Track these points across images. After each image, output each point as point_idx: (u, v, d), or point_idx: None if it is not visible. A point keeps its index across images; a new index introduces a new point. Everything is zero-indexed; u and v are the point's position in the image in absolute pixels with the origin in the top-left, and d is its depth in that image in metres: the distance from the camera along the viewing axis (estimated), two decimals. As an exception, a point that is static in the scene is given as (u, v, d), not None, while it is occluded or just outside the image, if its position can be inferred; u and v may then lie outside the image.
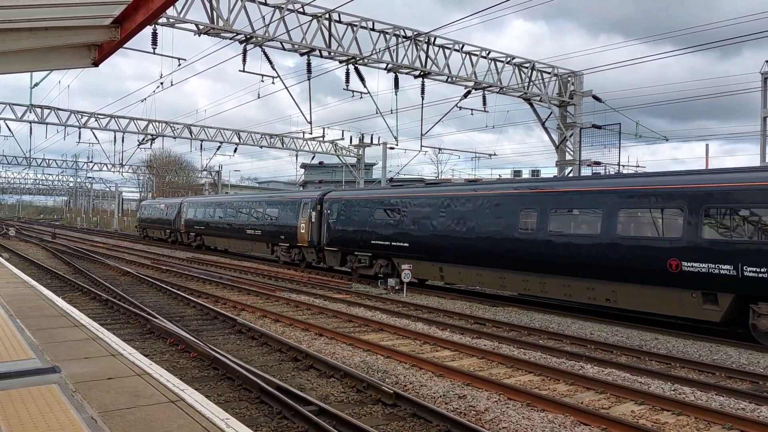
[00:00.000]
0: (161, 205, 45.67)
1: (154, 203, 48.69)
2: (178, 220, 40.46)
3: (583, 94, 27.68)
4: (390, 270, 21.51)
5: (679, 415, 7.60)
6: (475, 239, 17.83)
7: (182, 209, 40.10)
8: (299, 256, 27.16)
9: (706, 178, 13.66)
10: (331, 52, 20.05)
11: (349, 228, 23.12)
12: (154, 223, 46.33)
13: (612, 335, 13.38)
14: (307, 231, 25.77)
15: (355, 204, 23.17)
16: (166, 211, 43.16)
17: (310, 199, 26.03)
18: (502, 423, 7.16)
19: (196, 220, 38.00)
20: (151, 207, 48.59)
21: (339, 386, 8.65)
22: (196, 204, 39.16)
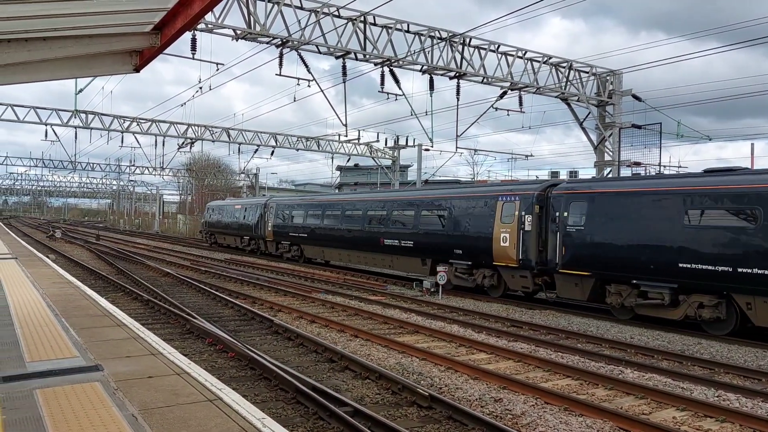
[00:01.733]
0: (236, 206, 38.03)
1: (226, 204, 40.98)
2: (262, 225, 33.41)
3: (622, 94, 27.13)
4: None
5: (723, 422, 7.37)
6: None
7: (268, 211, 32.91)
8: (492, 280, 18.98)
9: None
10: (366, 55, 20.12)
11: (616, 239, 15.17)
12: (226, 229, 39.16)
13: (653, 339, 13.06)
14: (514, 243, 17.78)
15: (623, 199, 15.16)
16: (244, 213, 35.99)
17: (521, 195, 17.97)
18: (539, 427, 7.06)
19: (292, 226, 30.52)
20: (221, 209, 40.84)
21: (374, 388, 8.66)
22: (291, 205, 31.57)
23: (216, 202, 44.42)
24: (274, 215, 32.40)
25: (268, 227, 32.78)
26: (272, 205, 32.95)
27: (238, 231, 36.89)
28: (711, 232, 13.27)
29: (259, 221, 33.72)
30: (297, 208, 30.80)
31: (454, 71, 22.06)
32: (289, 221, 30.94)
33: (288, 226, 30.95)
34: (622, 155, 27.53)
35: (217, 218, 41.07)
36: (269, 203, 33.49)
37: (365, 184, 69.18)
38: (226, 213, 39.54)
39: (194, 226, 69.74)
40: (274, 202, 33.22)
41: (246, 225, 35.34)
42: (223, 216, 39.91)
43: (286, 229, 31.03)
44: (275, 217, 32.17)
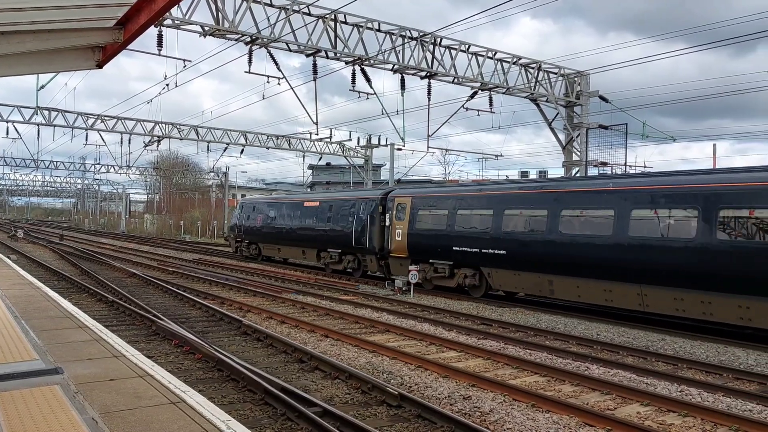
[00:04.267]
0: (308, 203, 27.31)
1: (284, 201, 29.92)
2: (375, 232, 22.41)
3: (589, 95, 27.56)
4: None
5: (686, 417, 7.52)
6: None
7: (396, 212, 21.51)
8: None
9: None
10: (336, 53, 20.04)
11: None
12: (286, 237, 28.48)
13: (618, 336, 13.29)
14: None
15: None
16: (329, 214, 25.34)
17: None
18: (507, 424, 7.11)
19: (468, 236, 18.63)
20: (271, 208, 30.26)
21: (344, 387, 8.63)
22: (459, 201, 19.26)
23: (260, 198, 34.31)
24: (411, 217, 20.81)
25: (395, 236, 21.19)
26: (402, 203, 21.34)
27: (313, 240, 26.16)
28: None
29: (366, 227, 22.72)
30: (472, 204, 18.86)
31: (425, 71, 22.12)
32: (459, 227, 18.91)
33: (458, 237, 18.83)
34: (589, 155, 27.99)
35: (263, 221, 30.51)
36: (397, 198, 21.72)
37: (337, 183, 68.97)
38: (284, 213, 28.84)
39: (162, 226, 68.74)
40: (409, 197, 21.28)
41: (335, 232, 24.61)
42: (277, 218, 29.34)
43: (449, 241, 19.07)
44: (417, 221, 20.59)
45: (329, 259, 25.51)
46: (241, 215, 33.40)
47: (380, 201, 22.73)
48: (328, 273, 25.42)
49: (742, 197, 12.64)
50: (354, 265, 24.34)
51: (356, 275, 24.22)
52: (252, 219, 32.10)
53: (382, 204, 22.64)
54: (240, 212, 33.66)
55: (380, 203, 22.69)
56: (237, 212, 34.44)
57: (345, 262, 24.76)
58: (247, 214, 32.74)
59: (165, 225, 68.37)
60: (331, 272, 25.44)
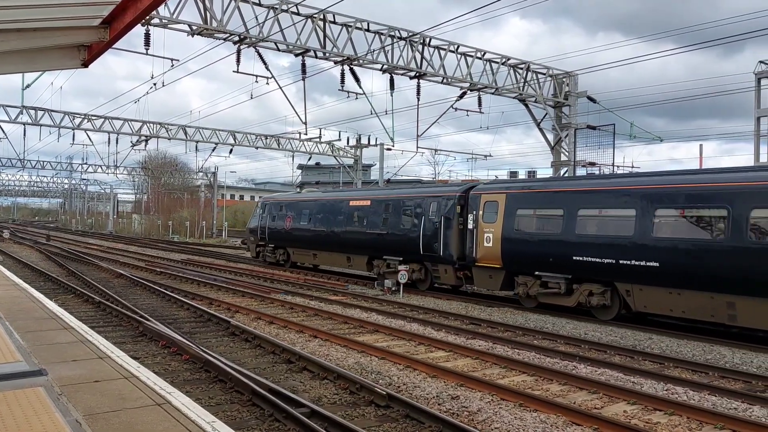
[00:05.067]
0: (354, 201, 23.44)
1: (319, 199, 26.15)
2: (450, 238, 18.91)
3: (578, 95, 27.70)
4: None
5: (672, 415, 7.58)
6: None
7: (484, 211, 17.75)
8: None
9: None
10: (325, 53, 20.01)
11: None
12: (324, 242, 24.62)
13: (606, 335, 13.36)
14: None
15: None
16: (385, 215, 21.61)
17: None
18: (495, 423, 7.13)
19: (585, 240, 15.16)
20: (303, 208, 26.21)
21: (332, 388, 8.61)
22: (581, 199, 15.63)
23: (289, 196, 29.94)
24: (505, 219, 17.01)
25: (483, 242, 17.49)
26: (493, 201, 17.52)
27: (363, 246, 22.45)
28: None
29: (439, 230, 19.07)
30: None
31: (414, 71, 22.14)
32: (582, 231, 15.27)
33: (580, 244, 15.18)
34: (577, 155, 28.14)
35: (294, 222, 26.54)
36: (484, 195, 17.91)
37: (327, 183, 68.86)
38: (322, 214, 24.88)
39: (150, 226, 68.30)
40: (503, 194, 17.42)
41: (395, 236, 20.91)
42: (313, 219, 25.25)
43: (566, 248, 15.47)
44: (515, 223, 16.84)
45: (386, 268, 21.40)
46: (263, 216, 28.79)
47: (458, 199, 19.09)
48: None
49: None
50: (420, 275, 20.45)
51: (421, 287, 20.51)
52: (279, 220, 27.65)
53: (461, 203, 19.04)
54: (262, 212, 29.04)
55: (458, 202, 19.05)
56: (258, 212, 29.65)
57: (408, 272, 20.69)
58: (272, 215, 28.23)
59: (153, 225, 67.93)
60: (378, 275, 21.89)
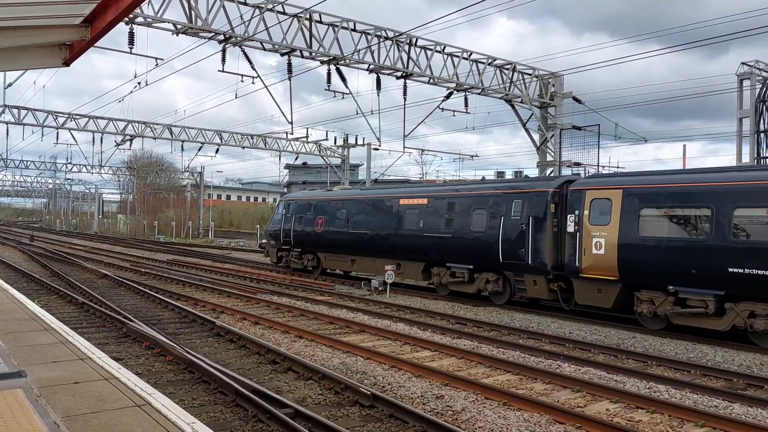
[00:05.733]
0: (412, 199, 20.13)
1: (359, 196, 22.93)
2: (541, 240, 15.96)
3: (563, 96, 27.85)
4: None
5: (653, 413, 7.64)
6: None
7: (593, 210, 14.77)
8: None
9: None
10: (312, 53, 19.96)
11: None
12: (362, 244, 21.63)
13: (590, 334, 13.45)
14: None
15: None
16: (451, 215, 18.45)
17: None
18: (479, 422, 7.15)
19: (748, 247, 12.06)
20: (338, 206, 23.18)
21: (317, 388, 8.60)
22: (740, 195, 12.33)
23: (319, 194, 25.98)
24: (623, 220, 14.12)
25: (590, 248, 14.50)
26: (604, 198, 14.63)
27: (418, 251, 19.43)
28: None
29: (526, 233, 16.04)
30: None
31: (400, 71, 22.14)
32: (742, 236, 12.31)
33: (736, 252, 12.22)
34: (563, 155, 28.28)
35: (326, 224, 23.23)
36: (591, 191, 14.93)
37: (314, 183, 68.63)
38: (364, 214, 21.78)
39: (135, 227, 67.81)
40: (618, 189, 14.44)
41: (463, 240, 17.89)
42: (352, 219, 22.12)
43: (717, 258, 12.43)
44: (638, 225, 13.91)
45: (450, 278, 18.30)
46: (287, 217, 25.35)
47: (552, 196, 15.88)
48: (443, 296, 18.75)
49: None
50: (497, 287, 17.12)
51: (498, 301, 17.30)
52: (307, 221, 24.14)
53: (556, 200, 15.88)
54: (285, 212, 25.57)
55: (552, 199, 15.87)
56: (280, 212, 26.16)
57: (480, 282, 17.48)
58: (298, 215, 24.80)
59: (139, 225, 67.46)
60: (447, 294, 18.77)
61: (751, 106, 26.81)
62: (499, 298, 17.41)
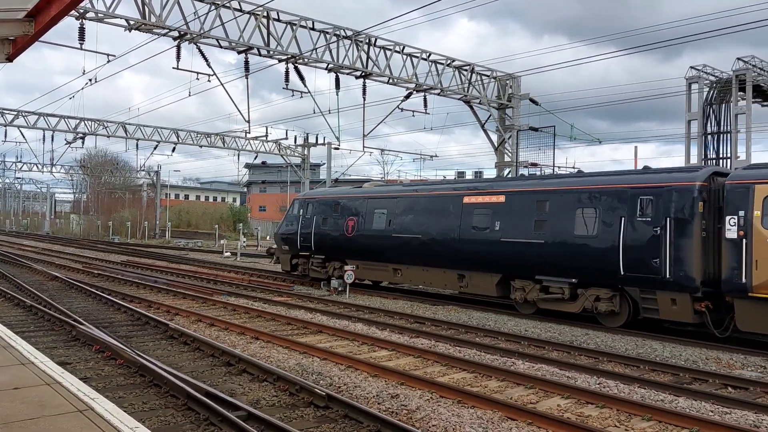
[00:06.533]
0: (475, 197, 16.89)
1: (401, 193, 19.59)
2: (684, 247, 12.71)
3: (520, 97, 28.30)
4: None
5: (602, 408, 7.83)
6: None
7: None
8: None
9: None
10: (269, 51, 19.77)
11: None
12: (409, 251, 18.26)
13: (545, 331, 13.68)
14: None
15: None
16: (535, 216, 15.29)
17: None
18: (432, 421, 7.20)
19: None
20: (374, 205, 19.88)
21: (271, 390, 8.51)
22: None
23: (345, 191, 22.95)
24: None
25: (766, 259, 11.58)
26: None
27: (489, 261, 16.14)
28: None
29: (663, 239, 12.91)
30: None
31: (360, 71, 22.13)
32: None
33: None
34: (520, 156, 28.75)
35: (359, 227, 20.05)
36: (759, 183, 11.99)
37: (274, 182, 68.02)
38: (406, 215, 18.66)
39: (89, 227, 66.01)
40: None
41: (563, 247, 14.59)
42: (392, 222, 18.92)
43: None
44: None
45: (540, 294, 14.95)
46: (306, 218, 21.85)
47: (700, 191, 12.65)
48: (525, 314, 15.50)
49: None
50: (611, 305, 13.73)
51: (609, 323, 13.96)
52: (333, 223, 20.84)
53: (704, 197, 12.70)
54: (303, 213, 22.08)
55: (700, 195, 12.64)
56: (296, 213, 22.51)
57: (586, 299, 14.12)
58: (320, 216, 21.36)
59: (92, 226, 65.70)
60: (533, 313, 15.45)
61: (699, 109, 27.77)
62: (612, 319, 13.96)
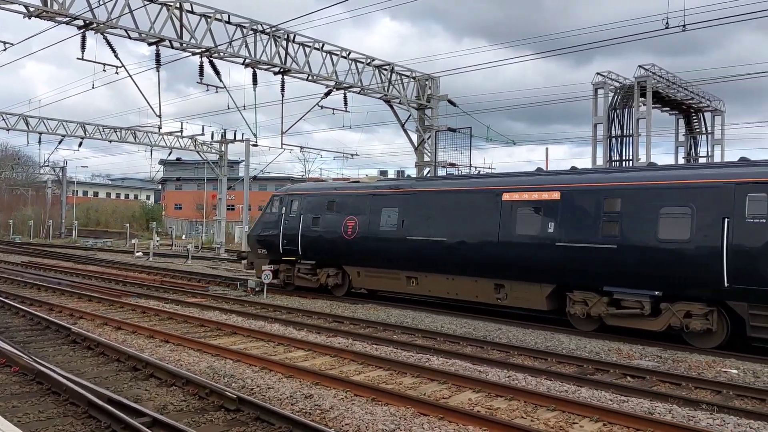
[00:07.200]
0: (514, 192, 14.56)
1: (413, 188, 16.97)
2: None
3: (439, 98, 28.77)
4: None
5: (511, 400, 8.08)
6: None
7: None
8: None
9: None
10: (183, 44, 19.08)
11: None
12: (432, 258, 15.80)
13: (461, 327, 13.99)
14: None
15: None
16: (603, 216, 13.05)
17: None
18: (346, 419, 7.18)
19: None
20: (380, 202, 17.34)
21: (180, 394, 8.22)
22: None
23: (340, 185, 20.71)
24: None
25: None
26: None
27: (532, 268, 14.02)
28: None
29: None
30: None
31: (278, 67, 21.76)
32: None
33: None
34: (439, 156, 29.27)
35: (357, 227, 17.50)
36: None
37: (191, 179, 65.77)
38: (425, 213, 16.21)
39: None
40: None
41: (639, 252, 12.45)
42: (406, 221, 16.45)
43: None
44: None
45: (609, 308, 12.75)
46: (290, 216, 19.18)
47: None
48: (585, 332, 13.19)
49: None
50: (707, 323, 11.67)
51: (704, 343, 11.78)
52: (327, 223, 18.30)
53: None
54: (287, 211, 19.40)
55: None
56: (277, 211, 19.81)
57: (672, 315, 12.00)
58: (308, 215, 18.78)
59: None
60: (595, 330, 13.17)
61: (605, 113, 29.31)
62: (706, 340, 11.83)
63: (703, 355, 11.35)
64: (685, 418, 7.50)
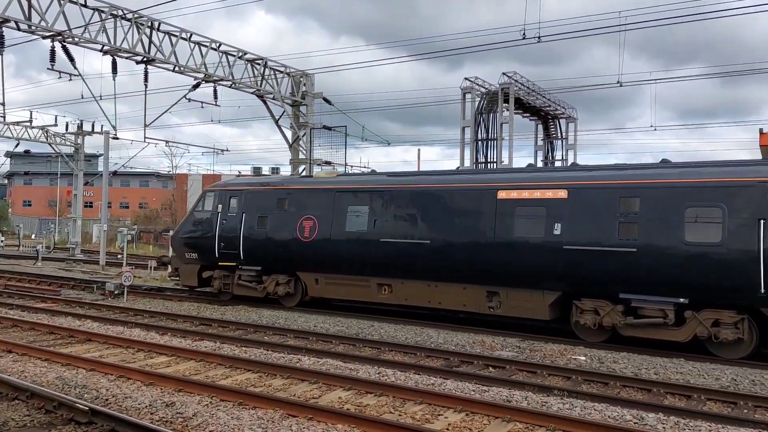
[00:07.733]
0: (513, 190, 13.36)
1: (390, 182, 15.54)
2: None
3: (314, 95, 28.62)
4: None
5: (380, 396, 8.18)
6: None
7: None
8: None
9: None
10: (31, 26, 17.35)
11: None
12: (411, 262, 14.33)
13: (333, 326, 13.99)
14: None
15: None
16: (619, 216, 12.06)
17: None
18: (210, 426, 6.88)
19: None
20: (352, 200, 15.56)
21: (23, 409, 7.46)
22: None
23: (295, 180, 18.32)
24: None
25: None
26: None
27: (534, 274, 12.80)
28: None
29: None
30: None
31: (141, 55, 20.49)
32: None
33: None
34: (315, 154, 29.13)
35: (317, 228, 15.73)
36: None
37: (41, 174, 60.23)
38: (405, 211, 14.80)
39: None
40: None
41: (687, 257, 11.28)
42: (379, 221, 14.95)
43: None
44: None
45: (626, 318, 11.73)
46: (229, 216, 17.03)
47: None
48: (588, 343, 12.16)
49: None
50: (737, 332, 10.88)
51: (732, 354, 10.99)
52: (277, 222, 16.32)
53: None
54: (225, 209, 17.21)
55: None
56: (208, 208, 17.65)
57: (698, 324, 11.16)
58: (251, 213, 16.73)
59: None
60: (603, 342, 12.19)
61: (472, 117, 30.75)
62: (733, 350, 11.01)
63: (556, 344, 12.24)
64: (539, 404, 8.02)
